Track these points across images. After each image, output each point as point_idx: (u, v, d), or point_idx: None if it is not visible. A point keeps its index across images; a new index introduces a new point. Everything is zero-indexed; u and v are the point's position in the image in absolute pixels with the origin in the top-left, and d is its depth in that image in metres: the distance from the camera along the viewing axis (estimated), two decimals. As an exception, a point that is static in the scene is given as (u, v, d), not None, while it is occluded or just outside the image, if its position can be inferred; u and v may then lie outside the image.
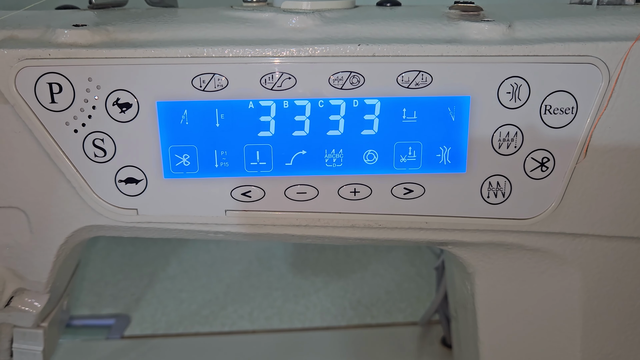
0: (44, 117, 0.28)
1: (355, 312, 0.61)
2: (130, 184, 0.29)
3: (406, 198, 0.30)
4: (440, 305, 0.54)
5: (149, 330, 0.59)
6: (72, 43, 0.28)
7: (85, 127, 0.28)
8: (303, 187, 0.30)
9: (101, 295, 0.65)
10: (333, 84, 0.28)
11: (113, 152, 0.29)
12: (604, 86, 0.28)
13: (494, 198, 0.30)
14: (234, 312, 0.61)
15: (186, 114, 0.28)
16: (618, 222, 0.31)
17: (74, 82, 0.27)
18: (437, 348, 0.55)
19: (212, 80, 0.27)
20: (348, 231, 0.31)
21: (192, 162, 0.29)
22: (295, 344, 0.56)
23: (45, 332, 0.36)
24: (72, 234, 0.31)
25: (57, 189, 0.30)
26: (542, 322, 0.35)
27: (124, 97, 0.28)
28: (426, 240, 0.32)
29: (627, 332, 0.35)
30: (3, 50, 0.27)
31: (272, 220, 0.30)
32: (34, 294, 0.34)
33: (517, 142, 0.29)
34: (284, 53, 0.27)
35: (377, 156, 0.29)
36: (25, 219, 0.31)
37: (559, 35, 0.28)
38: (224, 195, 0.30)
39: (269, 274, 0.68)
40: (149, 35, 0.28)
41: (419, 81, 0.28)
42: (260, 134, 0.28)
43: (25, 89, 0.27)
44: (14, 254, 0.32)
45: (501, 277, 0.34)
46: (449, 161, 0.29)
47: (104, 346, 0.56)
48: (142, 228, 0.31)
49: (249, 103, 0.28)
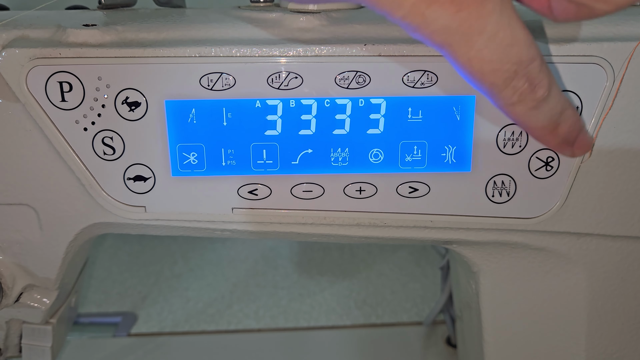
0: (54, 115, 0.28)
1: (361, 312, 0.61)
2: (139, 182, 0.30)
3: (411, 197, 0.30)
4: (445, 305, 0.54)
5: (156, 328, 0.59)
6: (83, 42, 0.28)
7: (94, 125, 0.28)
8: (309, 185, 0.30)
9: (108, 293, 0.66)
10: (339, 84, 0.28)
11: (122, 150, 0.29)
12: (609, 86, 0.28)
13: (498, 197, 0.30)
14: (239, 310, 0.62)
15: (194, 113, 0.28)
16: (623, 221, 0.31)
17: (84, 81, 0.28)
18: (442, 348, 0.55)
19: (220, 80, 0.28)
20: (353, 229, 0.31)
21: (199, 160, 0.29)
22: (300, 342, 0.56)
23: (54, 328, 0.37)
24: (81, 231, 0.32)
25: (67, 187, 0.30)
26: (547, 322, 0.35)
27: (133, 95, 0.28)
28: (431, 239, 0.32)
29: (632, 332, 0.35)
30: (15, 50, 0.27)
31: (279, 218, 0.31)
32: (43, 290, 0.34)
33: (522, 141, 0.29)
34: (290, 53, 0.27)
35: (383, 155, 0.29)
36: (35, 216, 0.31)
37: (563, 35, 0.28)
38: (231, 193, 0.30)
39: (275, 273, 0.69)
40: (157, 35, 0.29)
41: (425, 81, 0.28)
42: (267, 133, 0.29)
43: (36, 87, 0.28)
44: (23, 250, 0.32)
45: (506, 276, 0.34)
46: (454, 160, 0.29)
47: (111, 344, 0.56)
48: (149, 225, 0.31)
49: (256, 102, 0.28)
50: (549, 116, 0.24)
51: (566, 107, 0.24)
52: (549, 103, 0.23)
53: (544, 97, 0.23)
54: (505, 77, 0.21)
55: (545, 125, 0.24)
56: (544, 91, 0.22)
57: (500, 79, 0.22)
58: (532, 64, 0.22)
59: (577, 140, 0.26)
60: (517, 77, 0.22)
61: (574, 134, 0.25)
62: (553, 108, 0.23)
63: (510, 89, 0.22)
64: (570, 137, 0.25)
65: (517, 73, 0.22)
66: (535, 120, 0.23)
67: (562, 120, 0.24)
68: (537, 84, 0.22)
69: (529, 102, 0.22)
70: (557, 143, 0.25)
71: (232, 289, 0.66)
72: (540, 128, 0.24)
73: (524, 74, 0.22)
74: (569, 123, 0.25)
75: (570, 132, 0.25)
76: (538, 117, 0.23)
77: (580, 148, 0.26)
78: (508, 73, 0.21)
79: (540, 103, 0.23)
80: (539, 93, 0.22)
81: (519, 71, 0.21)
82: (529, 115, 0.23)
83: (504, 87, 0.22)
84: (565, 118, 0.24)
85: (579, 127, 0.26)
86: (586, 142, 0.27)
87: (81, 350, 0.55)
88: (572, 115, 0.25)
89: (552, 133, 0.24)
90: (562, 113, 0.24)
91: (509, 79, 0.22)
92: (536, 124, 0.24)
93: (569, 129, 0.25)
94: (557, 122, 0.24)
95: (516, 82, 0.22)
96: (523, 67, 0.21)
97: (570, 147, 0.26)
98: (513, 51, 0.21)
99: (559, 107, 0.24)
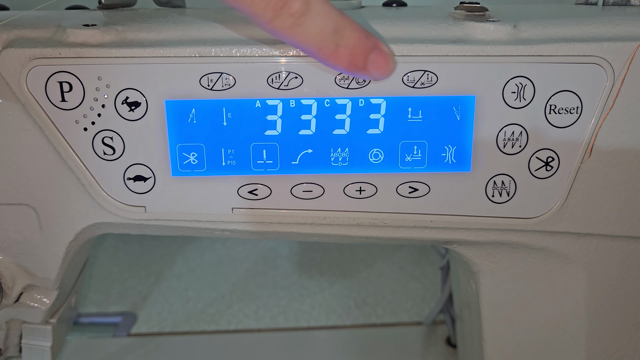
0: (54, 115, 0.28)
1: (361, 312, 0.61)
2: (139, 182, 0.30)
3: (411, 197, 0.30)
4: (445, 305, 0.54)
5: (156, 328, 0.59)
6: (82, 42, 0.28)
7: (94, 125, 0.28)
8: (309, 185, 0.30)
9: (108, 293, 0.66)
10: (339, 83, 0.28)
11: (122, 150, 0.29)
12: (609, 86, 0.28)
13: (498, 197, 0.30)
14: (239, 310, 0.62)
15: (194, 113, 0.28)
16: (623, 221, 0.31)
17: (84, 81, 0.28)
18: (442, 348, 0.55)
19: (220, 80, 0.28)
20: (353, 229, 0.31)
21: (199, 160, 0.29)
22: (300, 342, 0.56)
23: (54, 328, 0.37)
24: (81, 231, 0.32)
25: (67, 187, 0.30)
26: (547, 321, 0.35)
27: (133, 95, 0.28)
28: (431, 239, 0.32)
29: (632, 332, 0.35)
30: (15, 50, 0.27)
31: (278, 218, 0.31)
32: (43, 290, 0.34)
33: (522, 141, 0.29)
34: (290, 53, 0.27)
35: (383, 155, 0.29)
36: (35, 216, 0.31)
37: (564, 35, 0.28)
38: (231, 193, 0.30)
39: (275, 273, 0.69)
40: (157, 35, 0.29)
41: (425, 81, 0.28)
42: (266, 133, 0.29)
43: (36, 87, 0.28)
44: (23, 250, 0.32)
45: (506, 276, 0.34)
46: (454, 160, 0.29)
47: (111, 344, 0.56)
48: (149, 225, 0.31)
49: (256, 102, 0.28)
50: (318, 34, 0.22)
51: (342, 26, 0.23)
52: (312, 19, 0.22)
53: (303, 12, 0.22)
54: None
55: (319, 45, 0.23)
56: (299, 5, 0.22)
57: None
58: None
59: (369, 61, 0.24)
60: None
61: (361, 55, 0.24)
62: (319, 24, 0.22)
63: (262, 2, 0.21)
64: (357, 60, 0.24)
65: None
66: (300, 38, 0.22)
67: (340, 40, 0.23)
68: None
69: (285, 17, 0.22)
70: (345, 66, 0.24)
71: (232, 289, 0.66)
72: (314, 48, 0.23)
73: None
74: (350, 43, 0.23)
75: (355, 54, 0.24)
76: (303, 34, 0.22)
77: (376, 69, 0.25)
78: None
79: (300, 19, 0.22)
80: (294, 7, 0.22)
81: None
82: (291, 33, 0.22)
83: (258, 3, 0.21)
84: (343, 37, 0.23)
85: (366, 47, 0.24)
86: (382, 61, 0.25)
87: (81, 351, 0.55)
88: (352, 34, 0.23)
89: (333, 55, 0.23)
90: (336, 32, 0.23)
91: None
92: (305, 43, 0.23)
93: (352, 50, 0.23)
94: (336, 43, 0.23)
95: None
96: None
97: (363, 70, 0.25)
98: None
99: (330, 25, 0.22)
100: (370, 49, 0.24)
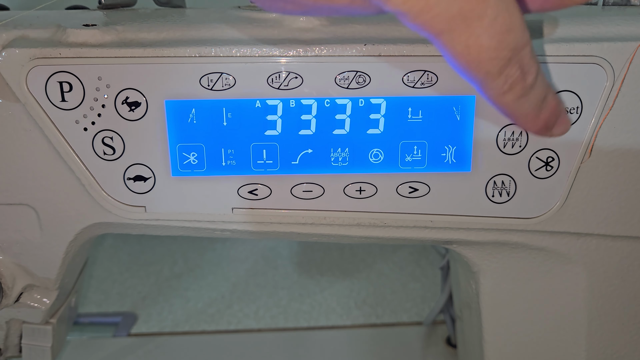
0: (54, 115, 0.28)
1: (361, 312, 0.61)
2: (139, 182, 0.30)
3: (411, 197, 0.30)
4: (445, 305, 0.54)
5: (156, 328, 0.59)
6: (83, 42, 0.28)
7: (94, 125, 0.28)
8: (309, 185, 0.30)
9: (108, 293, 0.66)
10: (339, 84, 0.28)
11: (122, 150, 0.29)
12: (609, 86, 0.28)
13: (498, 197, 0.30)
14: (239, 310, 0.62)
15: (194, 113, 0.28)
16: (623, 221, 0.31)
17: (84, 81, 0.28)
18: (442, 348, 0.55)
19: (220, 80, 0.28)
20: (353, 229, 0.31)
21: (199, 160, 0.29)
22: (300, 342, 0.56)
23: (54, 328, 0.37)
24: (81, 231, 0.32)
25: (67, 187, 0.30)
26: (547, 322, 0.35)
27: (133, 95, 0.28)
28: (431, 239, 0.32)
29: (632, 332, 0.35)
30: (15, 50, 0.27)
31: (279, 218, 0.31)
32: (43, 290, 0.34)
33: (522, 141, 0.29)
34: (290, 53, 0.27)
35: (383, 155, 0.29)
36: (35, 216, 0.31)
37: (563, 35, 0.28)
38: (231, 193, 0.30)
39: (275, 273, 0.69)
40: (157, 35, 0.29)
41: (425, 81, 0.28)
42: (267, 133, 0.29)
43: (36, 87, 0.28)
44: (24, 250, 0.32)
45: (506, 276, 0.34)
46: (454, 160, 0.29)
47: (111, 344, 0.56)
48: (150, 225, 0.31)
49: (256, 102, 0.28)
50: (534, 103, 0.23)
51: (548, 92, 0.23)
52: (535, 90, 0.22)
53: (532, 85, 0.22)
54: (500, 65, 0.20)
55: (529, 113, 0.23)
56: (533, 78, 0.21)
57: (496, 67, 0.20)
58: (525, 50, 0.21)
59: (557, 123, 0.25)
60: (511, 64, 0.21)
61: (554, 119, 0.25)
62: (538, 95, 0.22)
63: (503, 77, 0.21)
64: (551, 122, 0.24)
65: (511, 60, 0.20)
66: (521, 108, 0.22)
67: (544, 106, 0.23)
68: (527, 71, 0.21)
69: (518, 90, 0.21)
70: (538, 129, 0.24)
71: (232, 289, 0.66)
72: (524, 115, 0.23)
73: (517, 60, 0.21)
74: (550, 108, 0.24)
75: (551, 118, 0.24)
76: (524, 105, 0.22)
77: (560, 130, 0.26)
78: (504, 60, 0.20)
79: (528, 91, 0.22)
80: (529, 80, 0.21)
81: (513, 58, 0.20)
82: (516, 104, 0.22)
83: (497, 76, 0.21)
84: (547, 104, 0.23)
85: (559, 111, 0.25)
86: (565, 122, 0.26)
87: (81, 351, 0.55)
88: (553, 100, 0.24)
89: (534, 120, 0.24)
90: (545, 99, 0.23)
91: (503, 66, 0.20)
92: (521, 112, 0.23)
93: (550, 114, 0.24)
94: (540, 108, 0.23)
95: (509, 69, 0.21)
96: (517, 54, 0.20)
97: (549, 131, 0.25)
98: (510, 37, 0.20)
99: (543, 93, 0.23)
100: (561, 111, 0.25)
